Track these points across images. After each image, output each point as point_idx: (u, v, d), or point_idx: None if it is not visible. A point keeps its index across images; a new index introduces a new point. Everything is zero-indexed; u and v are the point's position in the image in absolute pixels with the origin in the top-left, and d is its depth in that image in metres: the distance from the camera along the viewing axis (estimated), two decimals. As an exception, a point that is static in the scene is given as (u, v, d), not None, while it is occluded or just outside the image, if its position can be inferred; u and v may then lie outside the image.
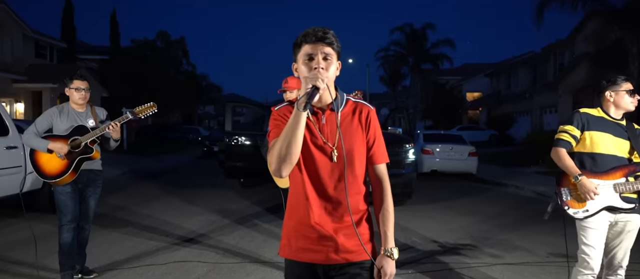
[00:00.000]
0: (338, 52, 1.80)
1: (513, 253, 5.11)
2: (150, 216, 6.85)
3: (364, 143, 1.83)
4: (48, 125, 3.86)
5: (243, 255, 4.88)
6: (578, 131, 3.03)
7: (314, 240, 1.81)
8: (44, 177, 3.81)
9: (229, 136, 8.24)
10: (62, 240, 3.86)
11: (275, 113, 1.88)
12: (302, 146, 1.76)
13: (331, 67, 1.77)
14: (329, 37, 1.76)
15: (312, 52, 1.75)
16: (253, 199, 8.38)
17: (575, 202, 3.01)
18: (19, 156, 6.47)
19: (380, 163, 1.86)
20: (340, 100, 1.84)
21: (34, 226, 5.85)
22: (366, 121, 1.84)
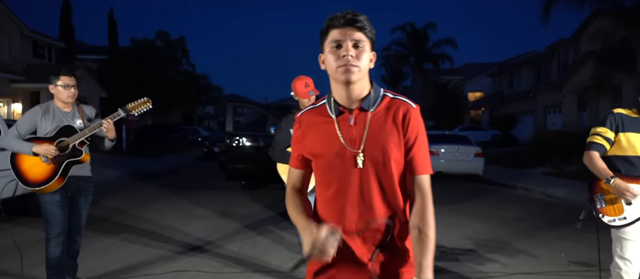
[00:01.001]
0: (372, 40, 1.53)
1: (530, 260, 4.83)
2: (148, 220, 6.58)
3: (400, 148, 1.52)
4: (31, 127, 3.45)
5: (246, 263, 4.60)
6: (612, 133, 2.79)
7: (338, 262, 1.52)
8: (28, 184, 3.41)
9: (230, 136, 7.98)
10: (50, 254, 3.46)
11: (297, 121, 1.66)
12: (321, 152, 1.55)
13: (363, 57, 1.49)
14: (360, 20, 1.49)
15: (340, 38, 1.48)
16: (255, 202, 8.11)
17: (611, 209, 2.76)
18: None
19: (421, 174, 1.52)
20: (375, 97, 1.55)
21: (23, 232, 5.60)
22: (404, 120, 1.52)
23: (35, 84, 20.71)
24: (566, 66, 24.56)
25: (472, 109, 37.31)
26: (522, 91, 28.77)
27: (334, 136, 1.54)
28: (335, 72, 1.50)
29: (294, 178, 1.68)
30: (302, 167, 1.66)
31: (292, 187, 1.68)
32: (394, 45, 35.97)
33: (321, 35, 1.55)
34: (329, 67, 1.52)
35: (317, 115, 1.60)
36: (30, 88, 20.93)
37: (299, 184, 1.67)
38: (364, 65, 1.49)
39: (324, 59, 1.55)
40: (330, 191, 1.56)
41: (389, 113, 1.53)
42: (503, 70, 33.76)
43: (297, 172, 1.67)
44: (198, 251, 5.03)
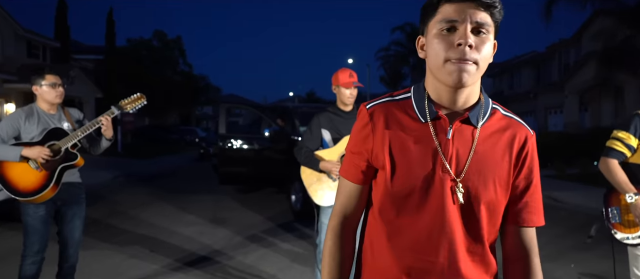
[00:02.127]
0: (498, 25, 1.07)
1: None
2: (138, 225, 6.31)
3: (508, 187, 1.11)
4: (14, 131, 3.10)
5: (240, 271, 4.32)
6: (636, 139, 2.50)
7: None
8: (19, 195, 3.01)
9: (222, 139, 7.70)
10: (23, 273, 3.09)
11: (366, 114, 1.16)
12: (403, 167, 1.09)
13: (485, 48, 1.04)
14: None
15: (456, 17, 1.02)
16: (248, 207, 7.83)
17: (626, 225, 2.49)
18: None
19: (532, 225, 1.14)
20: (484, 108, 1.12)
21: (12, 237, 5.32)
22: (520, 151, 1.11)
23: (29, 84, 20.32)
24: (567, 66, 24.33)
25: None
26: (523, 92, 28.55)
27: (428, 149, 1.09)
28: (440, 67, 1.05)
29: (346, 198, 1.21)
30: (364, 182, 1.18)
31: (342, 214, 1.22)
32: (394, 45, 35.75)
33: (425, 10, 1.10)
34: (433, 57, 1.07)
35: (399, 111, 1.14)
36: (23, 88, 20.59)
37: (353, 208, 1.21)
38: (485, 60, 1.04)
39: (424, 44, 1.12)
40: (402, 222, 1.11)
41: (503, 136, 1.12)
42: (503, 70, 33.52)
43: (352, 188, 1.19)
44: (188, 262, 4.74)
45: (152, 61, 30.21)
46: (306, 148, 3.33)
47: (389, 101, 1.17)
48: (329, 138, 3.29)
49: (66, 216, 3.21)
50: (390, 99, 1.17)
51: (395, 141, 1.11)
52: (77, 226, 3.25)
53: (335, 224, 1.21)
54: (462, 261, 1.09)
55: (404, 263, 1.10)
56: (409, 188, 1.08)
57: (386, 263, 1.13)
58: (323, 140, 3.32)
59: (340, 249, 1.20)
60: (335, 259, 1.19)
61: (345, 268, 1.20)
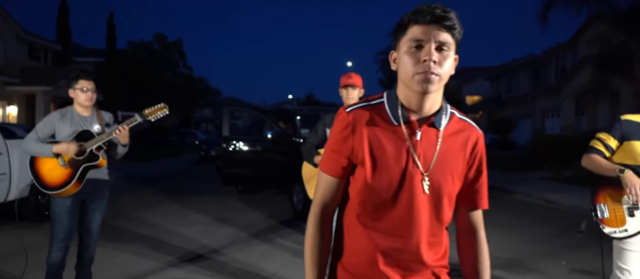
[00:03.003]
0: (458, 42, 1.28)
1: (531, 269, 4.76)
2: (143, 225, 6.49)
3: (461, 178, 1.34)
4: (50, 131, 3.43)
5: (241, 271, 4.51)
6: (615, 140, 2.68)
7: None
8: (46, 188, 3.38)
9: (226, 141, 7.89)
10: (50, 259, 3.42)
11: (345, 117, 1.34)
12: (381, 164, 1.28)
13: (446, 63, 1.25)
14: (450, 18, 1.23)
15: (422, 37, 1.23)
16: (251, 207, 8.02)
17: (613, 220, 2.66)
18: (3, 163, 6.11)
19: (480, 208, 1.39)
20: (445, 113, 1.33)
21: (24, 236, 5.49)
22: (473, 149, 1.35)
23: (31, 86, 20.59)
24: (564, 70, 24.56)
25: (470, 113, 37.29)
26: (521, 95, 28.78)
27: (402, 148, 1.29)
28: (410, 78, 1.25)
29: (326, 190, 1.38)
30: (342, 177, 1.37)
31: (322, 204, 1.39)
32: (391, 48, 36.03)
33: (397, 30, 1.30)
34: (404, 70, 1.27)
35: (376, 115, 1.32)
36: (25, 91, 20.80)
37: (331, 199, 1.39)
38: (446, 73, 1.26)
39: (396, 58, 1.32)
40: (377, 211, 1.31)
41: (457, 136, 1.34)
42: (501, 74, 33.77)
43: (332, 182, 1.37)
44: (193, 258, 4.94)
45: (152, 64, 30.40)
46: (309, 144, 3.64)
47: (366, 105, 1.36)
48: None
49: (88, 208, 3.51)
50: (366, 104, 1.36)
51: (374, 141, 1.30)
52: (97, 219, 3.54)
53: (316, 213, 1.39)
54: (426, 242, 1.32)
55: (380, 244, 1.31)
56: (387, 181, 1.28)
57: (364, 245, 1.33)
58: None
59: (321, 235, 1.38)
60: (317, 244, 1.38)
61: (325, 251, 1.39)
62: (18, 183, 6.24)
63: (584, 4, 15.43)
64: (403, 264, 1.31)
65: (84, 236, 3.53)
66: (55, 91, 21.05)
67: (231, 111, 8.31)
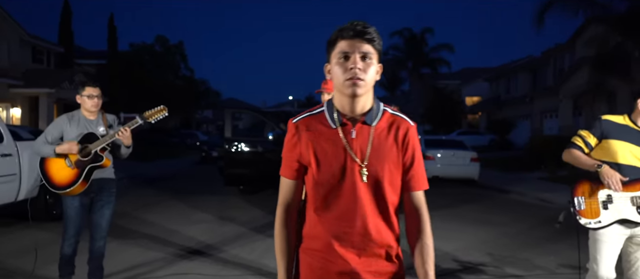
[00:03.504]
0: (379, 52, 1.51)
1: (521, 263, 4.97)
2: (148, 223, 6.70)
3: (399, 165, 1.54)
4: (59, 133, 3.69)
5: (244, 266, 4.72)
6: (594, 138, 2.91)
7: (335, 276, 1.54)
8: (55, 188, 3.66)
9: (228, 142, 8.11)
10: (63, 251, 3.75)
11: (292, 127, 1.59)
12: (323, 162, 1.51)
13: (370, 70, 1.48)
14: (369, 32, 1.47)
15: (348, 50, 1.47)
16: (253, 206, 8.23)
17: (588, 212, 2.89)
18: (13, 164, 6.31)
19: (419, 190, 1.57)
20: (376, 111, 1.55)
21: (34, 234, 5.70)
22: (404, 139, 1.54)
23: (34, 89, 20.83)
24: (562, 71, 24.73)
25: (470, 114, 37.51)
26: (519, 96, 28.95)
27: (339, 146, 1.51)
28: (341, 84, 1.48)
29: (286, 191, 1.61)
30: (297, 178, 1.59)
31: (284, 203, 1.61)
32: (392, 50, 36.04)
33: (328, 45, 1.53)
34: (336, 78, 1.50)
35: (317, 122, 1.56)
36: (29, 93, 21.03)
37: (291, 198, 1.60)
38: (371, 79, 1.48)
39: (330, 69, 1.53)
40: (327, 201, 1.53)
41: (390, 130, 1.54)
42: (500, 75, 33.97)
43: (290, 183, 1.60)
44: (198, 254, 5.15)
45: (154, 66, 30.61)
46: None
47: (309, 115, 1.59)
48: None
49: (96, 206, 3.78)
50: (309, 114, 1.60)
51: (316, 144, 1.53)
52: (105, 215, 3.80)
53: (280, 212, 1.61)
54: (372, 223, 1.52)
55: (332, 229, 1.53)
56: (330, 176, 1.51)
57: (319, 232, 1.55)
58: None
59: (286, 231, 1.60)
60: (283, 238, 1.60)
61: (291, 244, 1.61)
62: (28, 183, 6.45)
63: (580, 6, 15.63)
64: (356, 245, 1.52)
65: (94, 232, 3.80)
66: (59, 93, 21.27)
67: (233, 113, 8.54)
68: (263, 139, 8.20)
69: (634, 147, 2.83)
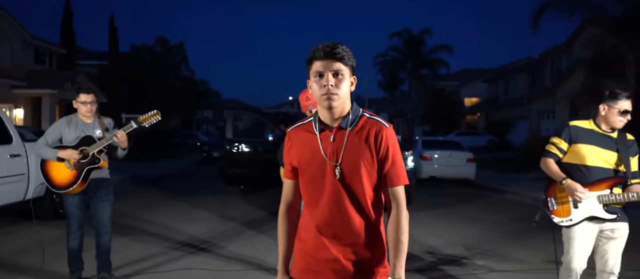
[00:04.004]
0: (352, 67, 1.73)
1: (510, 261, 5.19)
2: (152, 222, 6.91)
3: (374, 163, 1.73)
4: (58, 136, 3.94)
5: (246, 262, 4.95)
6: (565, 143, 3.17)
7: (319, 261, 1.78)
8: (55, 188, 3.92)
9: (229, 143, 8.33)
10: (69, 246, 4.04)
11: (287, 136, 1.87)
12: (306, 163, 1.78)
13: (343, 84, 1.69)
14: (338, 51, 1.68)
15: (322, 69, 1.68)
16: (254, 206, 8.45)
17: (561, 211, 3.16)
18: (22, 164, 6.52)
19: (394, 186, 1.74)
20: (353, 117, 1.75)
21: (41, 232, 5.93)
22: (377, 139, 1.72)
23: (37, 89, 21.03)
24: (560, 73, 24.94)
25: (469, 114, 37.73)
26: (518, 97, 29.15)
27: (316, 150, 1.76)
28: (319, 98, 1.72)
29: (287, 190, 1.89)
30: (294, 178, 1.86)
31: (286, 201, 1.89)
32: (391, 51, 36.28)
33: (307, 64, 1.74)
34: (314, 93, 1.73)
35: (304, 131, 1.82)
36: (31, 94, 21.23)
37: (291, 196, 1.89)
38: (344, 92, 1.70)
39: (310, 85, 1.75)
40: (312, 197, 1.79)
41: (363, 132, 1.73)
42: (499, 76, 34.18)
43: (289, 183, 1.89)
44: (201, 251, 5.37)
45: (154, 67, 30.82)
46: (281, 152, 4.20)
47: (300, 124, 1.86)
48: None
49: (96, 204, 4.05)
50: (300, 123, 1.86)
51: (301, 149, 1.80)
52: (105, 212, 4.06)
53: (281, 208, 1.90)
54: (349, 215, 1.74)
55: (317, 222, 1.79)
56: (312, 174, 1.77)
57: (309, 223, 1.82)
58: None
59: (286, 225, 1.88)
60: (284, 231, 1.88)
61: (291, 236, 1.88)
62: (35, 183, 6.66)
63: (576, 8, 15.85)
64: (337, 234, 1.76)
65: (99, 228, 4.07)
66: (61, 93, 21.49)
67: (234, 114, 8.76)
68: (263, 140, 8.42)
69: (600, 149, 3.07)
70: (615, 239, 3.10)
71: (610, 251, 3.12)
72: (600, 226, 3.10)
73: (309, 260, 1.81)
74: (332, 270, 1.76)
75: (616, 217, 3.04)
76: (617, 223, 3.08)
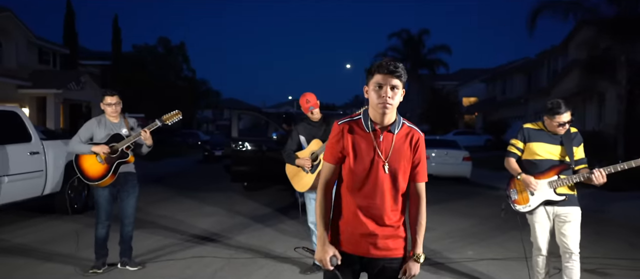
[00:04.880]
0: (404, 82, 2.07)
1: (498, 249, 5.60)
2: (162, 216, 7.30)
3: (410, 163, 2.13)
4: (89, 134, 4.38)
5: (254, 251, 5.35)
6: (522, 143, 3.76)
7: (359, 236, 2.12)
8: (89, 180, 4.34)
9: (235, 141, 8.72)
10: (97, 235, 4.45)
11: (338, 128, 2.15)
12: (358, 155, 2.10)
13: (397, 96, 2.05)
14: (398, 71, 2.02)
15: (382, 82, 2.01)
16: (258, 201, 8.85)
17: (521, 199, 3.75)
18: (40, 161, 6.91)
19: (422, 182, 2.18)
20: (398, 123, 2.14)
21: (61, 225, 6.33)
22: (415, 145, 2.14)
23: (42, 89, 21.42)
24: (556, 73, 25.34)
25: (467, 114, 38.13)
26: (515, 97, 29.53)
27: (371, 146, 2.10)
28: (376, 105, 2.04)
29: (328, 172, 2.17)
30: (337, 163, 2.16)
31: (325, 181, 2.17)
32: (390, 51, 36.66)
33: (367, 74, 2.08)
34: (371, 100, 2.05)
35: (356, 126, 2.13)
36: (36, 93, 21.61)
37: (330, 177, 2.17)
38: (396, 102, 2.06)
39: (367, 91, 2.07)
40: (358, 183, 2.10)
41: (407, 137, 2.13)
42: (496, 76, 34.58)
43: (331, 167, 2.17)
44: (211, 241, 5.77)
45: (156, 67, 31.17)
46: (288, 150, 4.72)
47: (350, 120, 2.16)
48: (304, 140, 4.67)
49: (122, 196, 4.49)
50: (350, 119, 2.16)
51: (354, 142, 2.11)
52: (131, 204, 4.51)
53: (321, 187, 2.17)
54: (387, 202, 2.11)
55: (359, 203, 2.12)
56: (362, 166, 2.10)
57: (350, 204, 2.14)
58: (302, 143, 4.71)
59: (325, 201, 2.17)
60: (323, 206, 2.16)
61: (328, 211, 2.17)
62: (53, 179, 7.05)
63: (570, 10, 16.23)
64: (374, 217, 2.12)
65: (123, 218, 4.52)
66: (65, 93, 21.88)
67: (239, 114, 9.16)
68: (267, 139, 8.81)
69: (547, 145, 3.65)
70: (570, 222, 3.61)
71: (568, 233, 3.61)
72: (555, 211, 3.65)
73: (348, 235, 2.14)
74: (369, 243, 2.11)
75: (565, 198, 3.58)
76: (569, 208, 3.61)
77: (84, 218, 6.90)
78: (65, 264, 4.71)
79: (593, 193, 10.68)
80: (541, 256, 3.77)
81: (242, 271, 4.65)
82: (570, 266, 3.61)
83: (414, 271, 2.14)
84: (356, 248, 2.14)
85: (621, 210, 8.64)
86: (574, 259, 3.60)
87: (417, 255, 2.14)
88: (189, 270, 4.64)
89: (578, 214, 3.64)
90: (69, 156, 7.29)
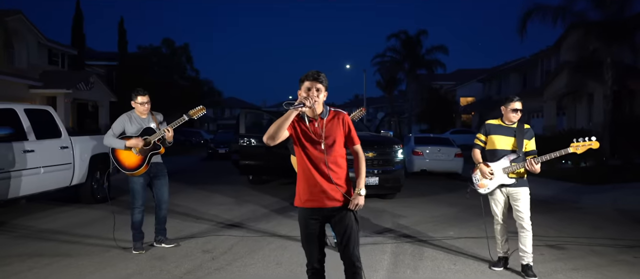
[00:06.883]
0: (326, 86, 2.92)
1: (477, 231, 6.36)
2: (177, 205, 8.04)
3: (343, 135, 2.98)
4: (121, 128, 5.04)
5: (263, 232, 6.13)
6: (484, 136, 4.59)
7: (315, 193, 2.93)
8: (125, 170, 4.99)
9: (242, 138, 9.51)
10: (134, 219, 5.08)
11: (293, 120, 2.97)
12: (304, 139, 2.92)
13: (321, 95, 2.91)
14: (321, 78, 2.89)
15: (310, 86, 2.87)
16: (263, 193, 9.62)
17: (482, 184, 4.59)
18: (69, 155, 7.68)
19: (355, 145, 3.04)
20: (325, 112, 2.98)
21: (84, 214, 7.09)
22: (342, 121, 2.99)
23: (52, 89, 22.20)
24: (549, 73, 26.08)
25: (464, 113, 38.87)
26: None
27: (309, 132, 2.94)
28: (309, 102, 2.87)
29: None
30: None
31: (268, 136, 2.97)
32: (389, 51, 37.28)
33: (299, 81, 2.90)
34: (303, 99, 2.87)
35: (301, 119, 2.99)
36: (47, 93, 22.39)
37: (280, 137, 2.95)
38: (322, 100, 2.91)
39: (300, 93, 2.89)
40: (306, 160, 2.93)
41: (334, 119, 2.97)
42: (492, 76, 35.33)
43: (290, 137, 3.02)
44: (224, 224, 6.55)
45: (161, 67, 31.94)
46: (291, 143, 5.37)
47: (299, 117, 2.98)
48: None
49: (156, 184, 5.19)
50: (299, 117, 2.98)
51: (300, 130, 2.96)
52: (164, 190, 5.22)
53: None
54: (332, 165, 2.92)
55: (313, 167, 2.92)
56: (309, 145, 2.92)
57: (306, 167, 2.94)
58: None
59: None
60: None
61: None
62: (80, 171, 7.84)
63: (559, 15, 16.97)
64: (325, 175, 2.91)
65: (161, 203, 5.22)
66: (74, 93, 22.67)
67: (246, 113, 9.96)
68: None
69: (504, 137, 4.46)
70: (520, 199, 4.43)
71: (520, 209, 4.41)
72: (507, 191, 4.46)
73: (309, 194, 2.94)
74: (325, 198, 2.91)
75: (515, 182, 4.39)
76: (519, 188, 4.41)
77: (107, 206, 7.65)
78: (104, 247, 5.31)
79: (572, 188, 11.47)
80: (499, 224, 4.62)
81: (254, 245, 5.43)
82: (523, 234, 4.43)
83: (359, 202, 2.93)
84: (315, 203, 2.94)
85: (592, 201, 9.41)
86: (525, 227, 4.41)
87: (359, 190, 2.93)
88: (209, 244, 5.43)
89: (526, 193, 4.43)
90: (93, 149, 8.11)
